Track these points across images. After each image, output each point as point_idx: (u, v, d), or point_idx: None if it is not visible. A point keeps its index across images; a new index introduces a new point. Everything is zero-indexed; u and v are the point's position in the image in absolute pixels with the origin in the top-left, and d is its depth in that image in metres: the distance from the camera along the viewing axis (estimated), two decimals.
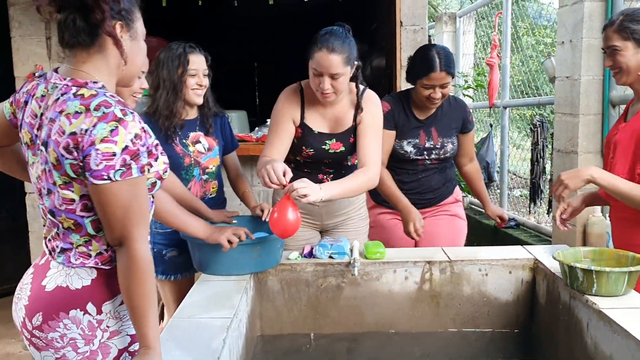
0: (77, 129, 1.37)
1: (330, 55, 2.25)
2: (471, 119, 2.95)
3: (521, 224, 4.91)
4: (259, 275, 2.31)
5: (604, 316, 1.79)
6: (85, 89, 1.43)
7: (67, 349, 1.52)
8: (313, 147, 2.48)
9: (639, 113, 2.15)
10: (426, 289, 2.36)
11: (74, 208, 1.47)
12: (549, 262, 2.27)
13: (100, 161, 1.35)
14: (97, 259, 1.53)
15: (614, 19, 2.14)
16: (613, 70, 2.17)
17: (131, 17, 1.49)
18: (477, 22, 6.79)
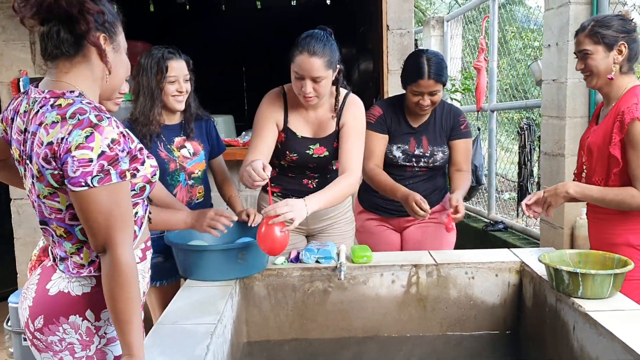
0: (53, 138, 1.38)
1: (311, 58, 2.24)
2: (464, 128, 2.80)
3: (509, 227, 4.93)
4: (245, 280, 2.30)
5: (590, 319, 1.79)
6: (62, 99, 1.44)
7: (65, 353, 1.57)
8: (297, 151, 2.47)
9: (608, 116, 2.22)
10: (413, 292, 2.35)
11: (63, 217, 1.51)
12: (536, 264, 2.26)
13: (77, 168, 1.36)
14: (90, 267, 1.56)
15: (585, 24, 2.24)
16: (584, 73, 2.27)
17: (114, 30, 1.53)
18: (465, 26, 6.83)
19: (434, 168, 2.81)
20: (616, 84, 2.22)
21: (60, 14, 1.43)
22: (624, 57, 2.18)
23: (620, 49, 2.17)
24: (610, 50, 2.17)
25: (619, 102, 2.19)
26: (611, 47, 2.17)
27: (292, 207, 2.06)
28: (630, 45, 2.19)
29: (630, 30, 2.20)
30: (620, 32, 2.17)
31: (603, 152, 2.20)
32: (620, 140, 2.13)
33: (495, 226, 4.96)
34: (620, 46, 2.17)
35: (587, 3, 3.44)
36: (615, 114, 2.17)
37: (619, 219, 2.20)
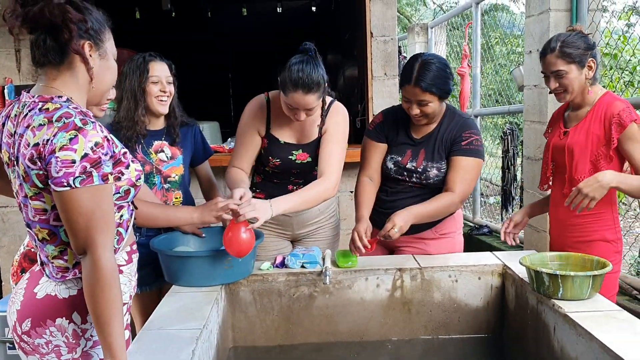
0: (39, 139, 1.42)
1: (306, 96, 2.25)
2: (465, 144, 2.42)
3: (494, 231, 4.97)
4: (231, 286, 2.31)
5: (570, 320, 1.82)
6: (50, 104, 1.48)
7: (51, 356, 1.60)
8: (279, 157, 2.50)
9: (587, 118, 2.35)
10: (397, 296, 2.37)
11: (47, 218, 1.53)
12: (518, 267, 2.29)
13: (60, 168, 1.40)
14: (75, 270, 1.59)
15: (552, 45, 2.33)
16: (557, 91, 2.36)
17: (100, 37, 1.56)
18: (449, 33, 6.89)
19: (429, 186, 2.50)
20: (588, 94, 2.36)
21: (45, 24, 1.47)
22: (593, 72, 2.33)
23: (590, 65, 2.31)
24: (582, 67, 2.30)
25: (599, 107, 2.33)
26: (583, 65, 2.30)
27: (255, 206, 2.13)
28: (596, 59, 2.33)
29: (593, 46, 2.34)
30: (587, 49, 2.31)
31: (585, 152, 2.32)
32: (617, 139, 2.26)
33: (480, 230, 5.01)
34: (590, 62, 2.31)
35: (566, 10, 3.50)
36: (601, 117, 2.30)
37: (595, 217, 2.34)
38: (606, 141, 2.29)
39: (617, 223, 2.38)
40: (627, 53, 4.53)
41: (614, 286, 2.38)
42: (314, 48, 2.34)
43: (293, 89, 2.24)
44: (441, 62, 2.37)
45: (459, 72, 5.43)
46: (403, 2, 12.68)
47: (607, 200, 2.29)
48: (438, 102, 2.36)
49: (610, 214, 2.36)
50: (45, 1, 1.45)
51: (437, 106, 2.37)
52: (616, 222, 2.37)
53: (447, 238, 2.61)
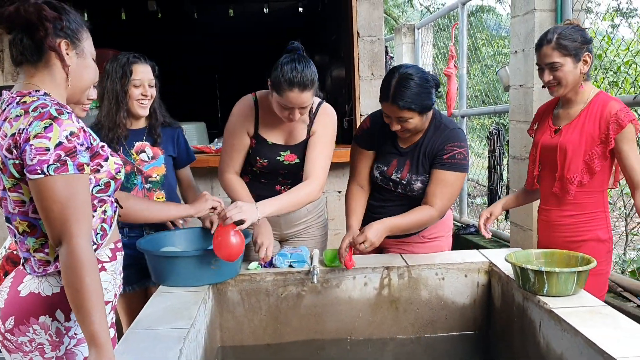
0: (15, 130, 1.46)
1: (302, 93, 2.25)
2: (447, 158, 2.34)
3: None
4: (218, 286, 2.31)
5: (555, 316, 1.84)
6: (27, 97, 1.51)
7: (35, 354, 1.60)
8: (267, 157, 2.50)
9: (580, 116, 2.31)
10: (385, 294, 2.38)
11: (26, 210, 1.54)
12: (504, 265, 2.31)
13: (34, 156, 1.42)
14: (57, 263, 1.57)
15: (549, 37, 2.29)
16: (550, 84, 2.33)
17: (77, 36, 1.59)
18: (436, 34, 6.92)
19: (415, 198, 2.44)
20: (581, 90, 2.33)
21: (21, 22, 1.51)
22: (588, 67, 2.29)
23: (586, 59, 2.27)
24: (578, 61, 2.26)
25: (592, 106, 2.30)
26: (578, 58, 2.26)
27: (242, 208, 2.15)
28: (591, 54, 2.29)
29: (590, 40, 2.30)
30: (584, 43, 2.27)
31: (579, 151, 2.29)
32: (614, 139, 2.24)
33: (466, 229, 5.04)
34: (586, 56, 2.27)
35: (551, 10, 3.53)
36: (596, 116, 2.27)
37: (588, 216, 2.33)
38: (601, 141, 2.26)
39: (609, 222, 2.37)
40: (611, 54, 4.58)
41: (604, 286, 2.38)
42: (301, 46, 2.34)
43: (289, 88, 2.22)
44: (420, 77, 2.26)
45: (446, 73, 5.46)
46: (390, 3, 12.73)
47: (600, 199, 2.32)
48: (419, 117, 2.29)
49: (603, 213, 2.34)
50: (21, 0, 1.48)
51: (418, 121, 2.31)
52: (608, 222, 2.36)
53: (435, 242, 2.60)
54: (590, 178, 2.29)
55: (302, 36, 7.02)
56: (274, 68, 2.29)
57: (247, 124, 2.48)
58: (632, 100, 3.03)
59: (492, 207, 2.66)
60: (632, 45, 4.01)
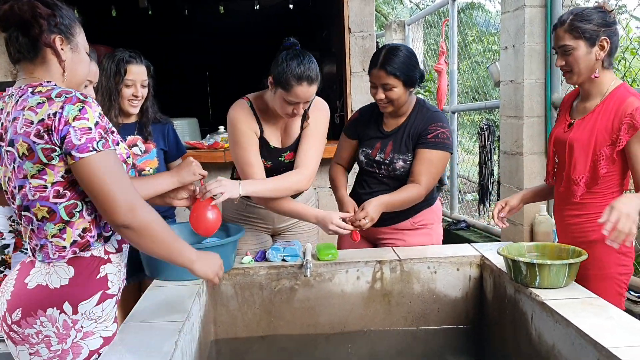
0: (44, 115, 1.49)
1: (310, 87, 2.26)
2: (431, 137, 2.45)
3: (471, 226, 5.03)
4: None
5: (547, 307, 1.85)
6: (40, 87, 1.55)
7: (41, 346, 1.61)
8: (270, 160, 2.51)
9: (595, 111, 2.13)
10: (377, 288, 2.40)
11: (47, 195, 1.57)
12: (495, 258, 2.33)
13: (81, 135, 1.49)
14: (73, 248, 1.61)
15: (564, 18, 2.12)
16: (564, 70, 2.16)
17: (71, 32, 1.63)
18: (426, 30, 6.95)
19: (397, 178, 2.54)
20: (598, 80, 2.12)
21: (16, 20, 1.54)
22: (606, 53, 2.08)
23: (603, 44, 2.07)
24: (592, 45, 2.06)
25: (610, 100, 2.10)
26: (593, 43, 2.06)
27: (222, 183, 2.19)
28: (612, 39, 2.07)
29: (611, 24, 2.09)
30: (602, 26, 2.06)
31: (586, 149, 2.12)
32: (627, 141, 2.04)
33: (458, 225, 5.06)
34: (603, 41, 2.06)
35: (541, 6, 3.56)
36: (612, 113, 2.07)
37: (594, 217, 2.04)
38: (612, 141, 2.06)
39: None
40: None
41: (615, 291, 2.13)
42: (297, 42, 2.36)
43: (297, 83, 2.23)
44: (408, 51, 2.46)
45: (436, 69, 5.48)
46: (379, 0, 12.74)
47: (608, 202, 1.97)
48: (403, 88, 2.41)
49: None
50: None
51: (402, 92, 2.42)
52: None
53: (425, 229, 2.66)
54: (596, 182, 2.12)
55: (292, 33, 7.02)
56: (275, 65, 2.29)
57: (254, 126, 2.45)
58: None
59: (509, 197, 2.45)
60: (622, 41, 4.04)
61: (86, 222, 1.63)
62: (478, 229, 4.93)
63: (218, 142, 4.28)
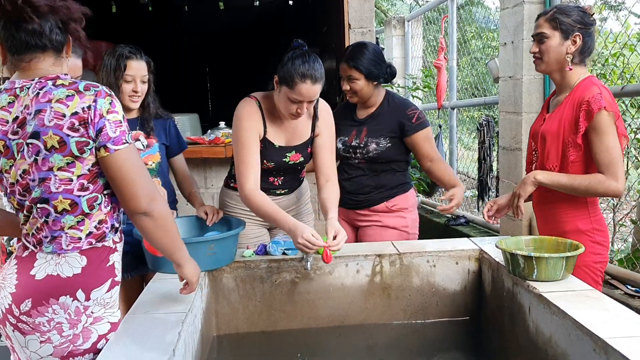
0: (78, 108, 1.55)
1: (314, 85, 2.27)
2: (415, 120, 2.74)
3: (471, 221, 5.06)
4: (214, 272, 2.34)
5: (544, 299, 1.88)
6: (60, 80, 1.59)
7: (53, 333, 1.63)
8: (273, 160, 2.52)
9: (563, 103, 2.26)
10: (377, 281, 2.42)
11: (72, 188, 1.61)
12: (494, 252, 2.36)
13: (115, 128, 1.58)
14: (89, 239, 1.66)
15: (547, 9, 2.30)
16: (535, 56, 2.31)
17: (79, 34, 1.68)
18: (425, 27, 6.96)
19: (372, 160, 2.77)
20: (568, 74, 2.26)
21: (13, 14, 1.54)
22: (576, 48, 2.21)
23: (575, 40, 2.21)
24: (566, 38, 2.21)
25: (575, 91, 2.22)
26: (567, 36, 2.21)
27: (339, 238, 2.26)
28: (585, 38, 2.22)
29: (588, 24, 2.23)
30: (578, 23, 2.21)
31: (557, 139, 2.24)
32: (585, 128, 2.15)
33: (457, 220, 5.08)
34: (575, 37, 2.20)
35: (540, 2, 3.57)
36: (574, 103, 2.19)
37: (566, 207, 2.27)
38: (574, 128, 2.19)
39: (594, 213, 2.27)
40: (599, 46, 4.63)
41: (590, 279, 2.23)
42: (305, 43, 2.38)
43: (302, 81, 2.25)
44: (374, 49, 2.74)
45: (436, 65, 5.50)
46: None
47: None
48: (365, 80, 2.69)
49: (584, 203, 2.25)
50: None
51: (364, 84, 2.70)
52: (592, 213, 2.26)
53: (399, 212, 2.84)
54: (567, 169, 2.23)
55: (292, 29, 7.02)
56: (281, 64, 2.31)
57: (258, 128, 2.45)
58: (619, 91, 3.08)
59: (499, 197, 2.57)
60: (620, 37, 4.06)
61: (102, 214, 1.67)
62: (477, 225, 4.95)
63: (219, 138, 4.30)
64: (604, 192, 2.16)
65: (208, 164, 4.32)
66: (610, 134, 2.12)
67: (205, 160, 4.23)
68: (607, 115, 2.11)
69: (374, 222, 2.85)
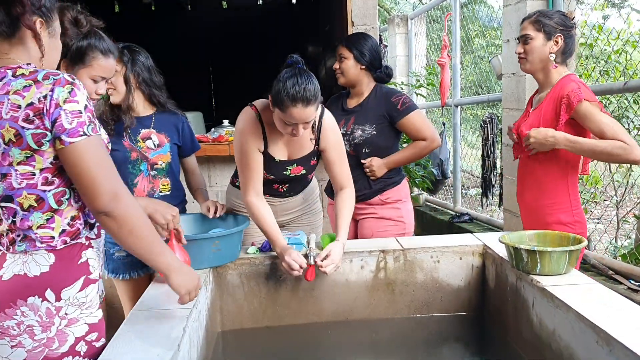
0: (33, 99, 1.44)
1: (306, 108, 2.16)
2: (400, 106, 2.82)
3: (474, 218, 5.07)
4: (219, 269, 2.36)
5: (547, 293, 1.89)
6: (21, 69, 1.49)
7: (24, 336, 1.53)
8: (273, 173, 2.49)
9: (545, 100, 2.39)
10: (381, 277, 2.43)
11: (35, 182, 1.51)
12: (497, 247, 2.37)
13: (72, 119, 1.45)
14: (63, 237, 1.56)
15: (532, 14, 2.44)
16: (520, 56, 2.44)
17: (51, 16, 1.57)
18: (429, 25, 6.96)
19: (358, 148, 2.86)
20: (551, 73, 2.40)
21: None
22: (558, 49, 2.36)
23: (557, 40, 2.36)
24: (548, 39, 2.36)
25: (556, 88, 2.36)
26: (550, 37, 2.36)
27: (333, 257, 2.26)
28: (566, 40, 2.37)
29: (569, 27, 2.38)
30: (560, 25, 2.36)
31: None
32: (568, 120, 2.28)
33: (461, 218, 5.09)
34: (557, 37, 2.35)
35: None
36: (555, 98, 2.33)
37: (549, 200, 2.39)
38: (552, 120, 2.33)
39: (576, 206, 2.38)
40: (602, 43, 4.63)
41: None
42: (301, 59, 2.28)
43: (292, 104, 2.14)
44: (371, 39, 2.89)
45: (439, 63, 5.49)
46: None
47: (562, 185, 2.36)
48: (354, 61, 2.82)
49: (567, 196, 2.36)
50: None
51: (352, 65, 2.83)
52: (574, 206, 2.37)
53: (394, 204, 2.92)
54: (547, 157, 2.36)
55: (295, 27, 7.04)
56: (274, 83, 2.22)
57: (257, 142, 2.40)
58: (622, 87, 3.08)
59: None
60: (622, 34, 4.06)
61: (74, 209, 1.58)
62: (481, 222, 4.96)
63: (222, 136, 4.32)
64: (625, 158, 2.20)
65: (212, 162, 4.34)
66: (604, 117, 2.23)
67: (209, 159, 4.24)
68: (590, 105, 2.23)
69: (370, 214, 2.93)
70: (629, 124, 4.12)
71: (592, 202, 4.61)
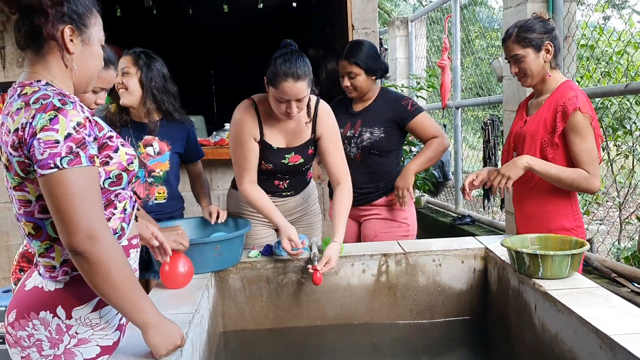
0: (18, 124, 1.36)
1: (296, 83, 2.25)
2: (410, 108, 2.87)
3: (476, 220, 5.06)
4: (220, 273, 2.36)
5: (550, 297, 1.89)
6: (28, 87, 1.42)
7: (32, 350, 1.52)
8: (272, 162, 2.52)
9: (543, 108, 2.37)
10: (383, 281, 2.43)
11: (32, 210, 1.46)
12: (499, 251, 2.36)
13: (44, 149, 1.32)
14: (64, 268, 1.51)
15: (510, 31, 2.41)
16: (518, 75, 2.43)
17: (84, 22, 1.47)
18: (429, 27, 6.96)
19: (366, 150, 2.87)
20: (547, 79, 2.40)
21: (23, 6, 1.40)
22: (551, 55, 2.36)
23: (548, 48, 2.34)
24: (539, 51, 2.34)
25: (554, 95, 2.36)
26: (539, 48, 2.34)
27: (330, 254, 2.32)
28: (554, 43, 2.37)
29: (551, 30, 2.38)
30: (544, 33, 2.35)
31: (535, 139, 2.36)
32: (562, 128, 2.28)
33: (462, 220, 5.09)
34: (547, 45, 2.34)
35: (543, 1, 3.57)
36: (553, 105, 2.33)
37: (553, 206, 2.37)
38: (552, 129, 2.31)
39: (576, 211, 2.39)
40: (603, 44, 4.63)
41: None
42: (294, 43, 2.39)
43: (283, 78, 2.24)
44: (370, 45, 2.89)
45: (440, 65, 5.49)
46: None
47: (565, 190, 2.33)
48: (365, 76, 2.83)
49: (569, 203, 2.37)
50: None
51: (364, 79, 2.84)
52: (575, 211, 2.38)
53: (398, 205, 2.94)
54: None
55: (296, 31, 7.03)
56: (268, 64, 2.32)
57: (253, 130, 2.46)
58: (623, 89, 3.07)
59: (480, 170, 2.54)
60: (624, 35, 4.06)
61: None
62: (483, 224, 4.95)
63: (224, 139, 4.32)
64: (586, 188, 2.29)
65: (213, 165, 4.34)
66: (588, 136, 2.26)
67: (210, 162, 4.25)
68: (581, 117, 2.24)
69: (374, 215, 2.97)
70: (631, 125, 4.12)
71: (594, 204, 4.60)
